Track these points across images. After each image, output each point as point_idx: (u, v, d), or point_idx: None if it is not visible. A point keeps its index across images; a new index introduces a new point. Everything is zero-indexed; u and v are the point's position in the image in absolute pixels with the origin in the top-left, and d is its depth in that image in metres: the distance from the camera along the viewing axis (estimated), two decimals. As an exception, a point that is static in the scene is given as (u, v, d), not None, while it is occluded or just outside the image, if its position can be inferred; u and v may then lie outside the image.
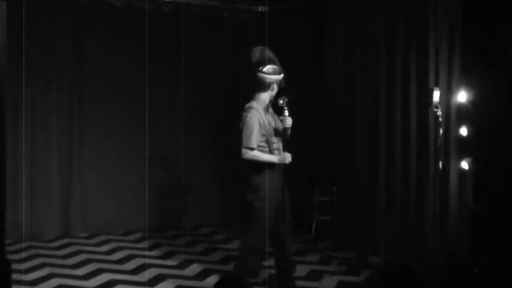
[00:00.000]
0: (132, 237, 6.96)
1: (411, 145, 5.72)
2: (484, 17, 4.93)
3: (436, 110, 4.92)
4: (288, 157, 4.84)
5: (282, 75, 4.90)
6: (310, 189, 6.79)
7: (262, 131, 4.81)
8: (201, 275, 5.58)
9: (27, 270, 5.58)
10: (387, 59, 6.02)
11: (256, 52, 4.88)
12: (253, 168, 4.82)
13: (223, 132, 7.09)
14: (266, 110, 4.93)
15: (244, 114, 4.87)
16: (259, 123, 4.79)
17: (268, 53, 4.88)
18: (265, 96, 4.91)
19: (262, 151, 4.81)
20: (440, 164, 5.06)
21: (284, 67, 4.95)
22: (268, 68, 4.82)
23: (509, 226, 4.72)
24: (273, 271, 5.19)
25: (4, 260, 4.34)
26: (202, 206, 7.55)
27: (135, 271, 5.67)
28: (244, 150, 4.78)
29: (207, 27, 7.51)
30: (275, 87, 4.91)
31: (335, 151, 6.84)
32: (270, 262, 5.21)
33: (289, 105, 4.88)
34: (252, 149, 4.77)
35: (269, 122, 4.90)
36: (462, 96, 5.24)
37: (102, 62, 7.02)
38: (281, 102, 4.89)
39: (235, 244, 6.34)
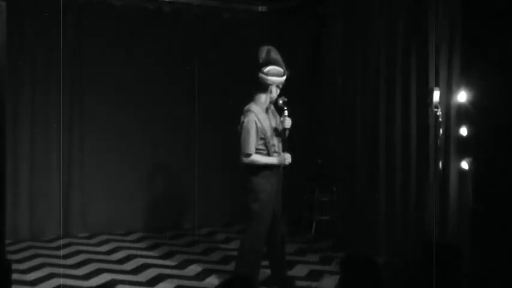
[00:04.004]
0: (132, 237, 6.96)
1: (411, 145, 5.72)
2: (484, 17, 4.93)
3: (436, 110, 4.92)
4: (288, 158, 4.83)
5: (284, 77, 4.85)
6: (310, 189, 6.79)
7: (260, 134, 4.78)
8: (201, 275, 5.58)
9: (27, 270, 5.58)
10: (387, 59, 6.01)
11: (263, 52, 4.81)
12: (251, 170, 4.80)
13: (224, 132, 7.07)
14: (266, 110, 4.91)
15: (242, 117, 4.83)
16: (257, 127, 4.75)
17: (275, 54, 4.83)
18: (265, 98, 4.86)
19: (260, 154, 4.80)
20: (440, 164, 5.06)
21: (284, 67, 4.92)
22: (269, 69, 4.77)
23: (509, 226, 4.72)
24: (269, 271, 5.20)
25: (4, 260, 4.35)
26: (203, 206, 7.54)
27: (135, 271, 5.67)
28: (243, 156, 4.77)
29: (207, 27, 7.51)
30: (274, 90, 4.86)
31: (335, 151, 6.84)
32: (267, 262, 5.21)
33: (289, 105, 4.86)
34: (250, 154, 4.75)
35: (270, 123, 4.87)
36: (462, 96, 5.24)
37: (102, 62, 7.02)
38: (281, 102, 4.86)
39: (235, 244, 6.34)
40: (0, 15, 4.03)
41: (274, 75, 4.78)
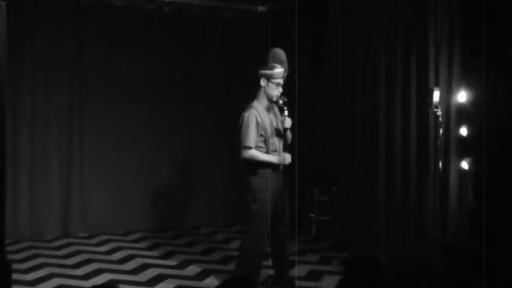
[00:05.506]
0: (132, 237, 6.96)
1: (411, 145, 5.72)
2: (484, 16, 4.93)
3: (436, 110, 4.92)
4: (287, 158, 4.83)
5: (284, 75, 4.89)
6: (310, 189, 6.79)
7: (261, 130, 4.80)
8: (201, 275, 5.58)
9: (27, 270, 5.58)
10: (387, 59, 6.01)
11: (271, 54, 4.89)
12: (250, 169, 4.81)
13: (224, 132, 7.07)
14: (268, 109, 4.92)
15: (243, 113, 4.86)
16: (257, 122, 4.78)
17: (281, 56, 4.88)
18: (266, 96, 4.90)
19: (260, 151, 4.81)
20: (440, 164, 5.06)
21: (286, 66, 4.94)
22: (270, 67, 4.83)
23: (509, 226, 4.72)
24: (271, 271, 5.19)
25: (4, 260, 4.35)
26: (203, 206, 7.54)
27: (135, 271, 5.67)
28: (242, 150, 4.78)
29: (207, 27, 7.51)
30: (275, 86, 4.90)
31: (335, 151, 6.84)
32: (268, 262, 5.21)
33: (289, 105, 4.87)
34: (250, 148, 4.77)
35: (271, 122, 4.89)
36: (462, 96, 5.24)
37: (102, 62, 7.01)
38: (281, 102, 4.88)
39: (235, 244, 6.35)
40: (0, 15, 4.03)
41: (275, 73, 4.82)
